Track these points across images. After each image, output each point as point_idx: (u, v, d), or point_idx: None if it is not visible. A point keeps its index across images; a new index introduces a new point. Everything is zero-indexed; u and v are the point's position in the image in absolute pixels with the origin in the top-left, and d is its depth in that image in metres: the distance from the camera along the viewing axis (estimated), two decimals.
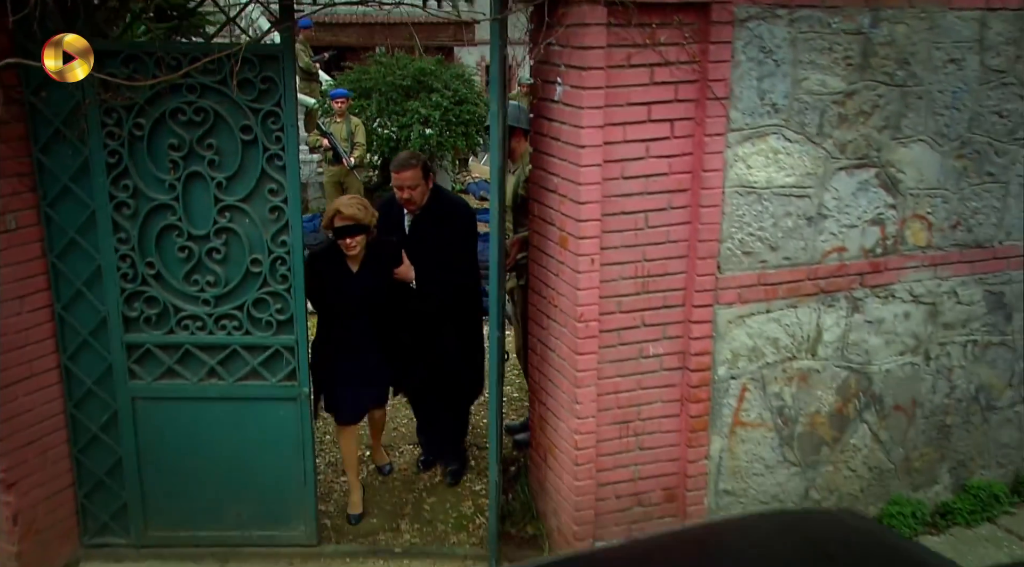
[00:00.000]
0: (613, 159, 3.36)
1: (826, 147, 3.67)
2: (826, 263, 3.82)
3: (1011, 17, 3.80)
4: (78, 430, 3.89)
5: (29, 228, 3.61)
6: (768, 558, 1.99)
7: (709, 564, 1.97)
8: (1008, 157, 4.02)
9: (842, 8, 3.50)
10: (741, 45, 3.39)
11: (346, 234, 3.93)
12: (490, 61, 3.49)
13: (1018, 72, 3.90)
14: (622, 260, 3.51)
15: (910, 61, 3.69)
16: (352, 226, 3.92)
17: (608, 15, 3.17)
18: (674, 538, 2.38)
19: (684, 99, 3.40)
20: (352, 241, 3.95)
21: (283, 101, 3.53)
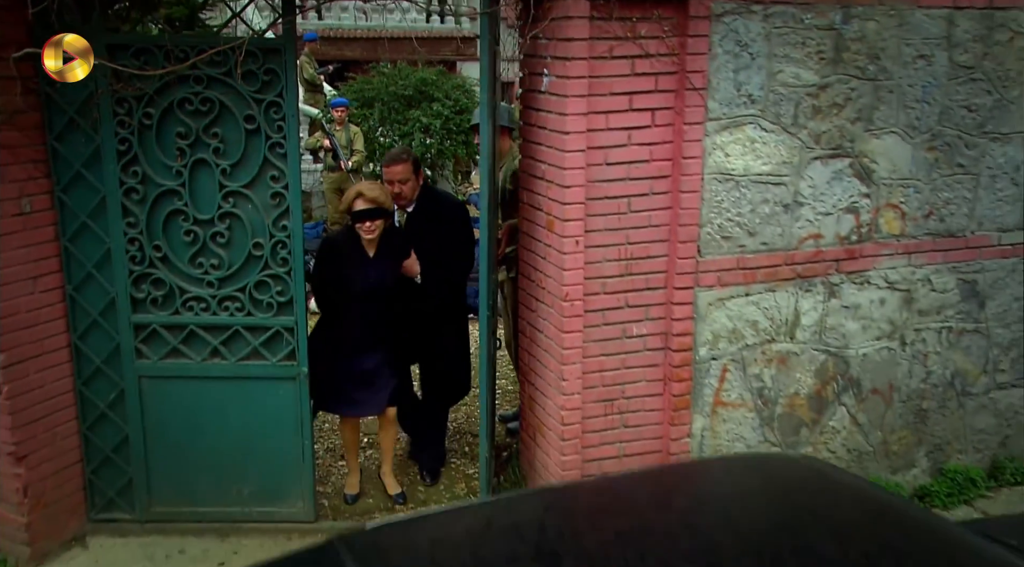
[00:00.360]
0: (596, 146, 3.55)
1: (801, 137, 3.85)
2: (803, 249, 4.00)
3: (977, 15, 3.99)
4: (86, 407, 4.06)
5: (43, 212, 3.81)
6: (728, 495, 2.14)
7: (671, 500, 2.12)
8: (978, 150, 4.20)
9: (814, 5, 3.70)
10: (718, 39, 3.59)
11: (367, 217, 3.99)
12: (480, 54, 3.69)
13: (985, 68, 4.09)
14: (606, 243, 3.68)
15: (881, 56, 3.88)
16: (374, 209, 3.99)
17: (591, 9, 3.37)
18: (634, 477, 2.54)
19: (664, 89, 3.59)
20: (372, 224, 4.01)
21: (284, 92, 3.73)
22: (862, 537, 1.89)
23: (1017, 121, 4.22)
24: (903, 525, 2.00)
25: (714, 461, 3.08)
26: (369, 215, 3.99)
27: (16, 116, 3.62)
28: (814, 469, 2.35)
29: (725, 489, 2.14)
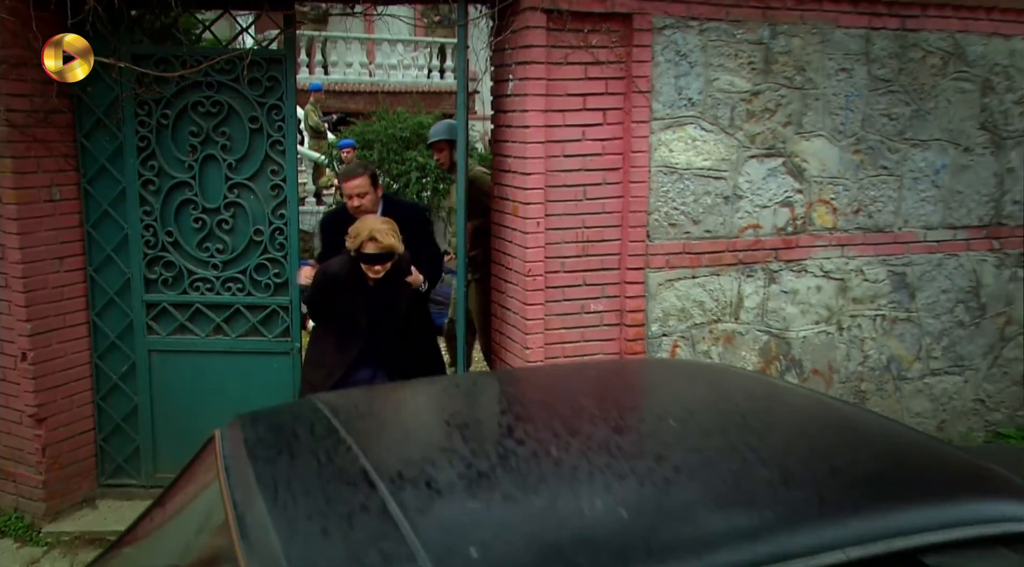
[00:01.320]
0: (554, 140, 4.07)
1: (738, 137, 4.38)
2: (743, 238, 4.48)
3: (892, 35, 4.56)
4: (100, 379, 4.51)
5: (70, 201, 4.33)
6: (663, 386, 2.54)
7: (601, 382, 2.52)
8: (900, 154, 4.72)
9: (744, 22, 4.27)
10: (660, 49, 4.14)
11: (376, 261, 3.85)
12: (456, 63, 4.24)
13: (902, 82, 4.64)
14: (564, 226, 4.18)
15: (806, 68, 4.43)
16: (384, 254, 3.85)
17: (547, 21, 3.93)
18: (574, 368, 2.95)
19: (614, 92, 4.13)
20: (381, 268, 3.87)
21: (284, 96, 4.29)
22: (761, 404, 2.27)
23: (934, 129, 4.75)
24: (798, 400, 2.40)
25: (651, 361, 3.56)
26: (378, 259, 3.84)
27: (51, 115, 4.18)
28: (739, 373, 2.79)
29: (649, 374, 2.58)
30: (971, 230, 4.96)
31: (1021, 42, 4.82)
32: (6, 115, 4.01)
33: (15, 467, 4.40)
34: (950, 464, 1.87)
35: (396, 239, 3.86)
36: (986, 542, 1.55)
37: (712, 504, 1.55)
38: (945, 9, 4.61)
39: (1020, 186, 5.02)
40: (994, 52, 4.77)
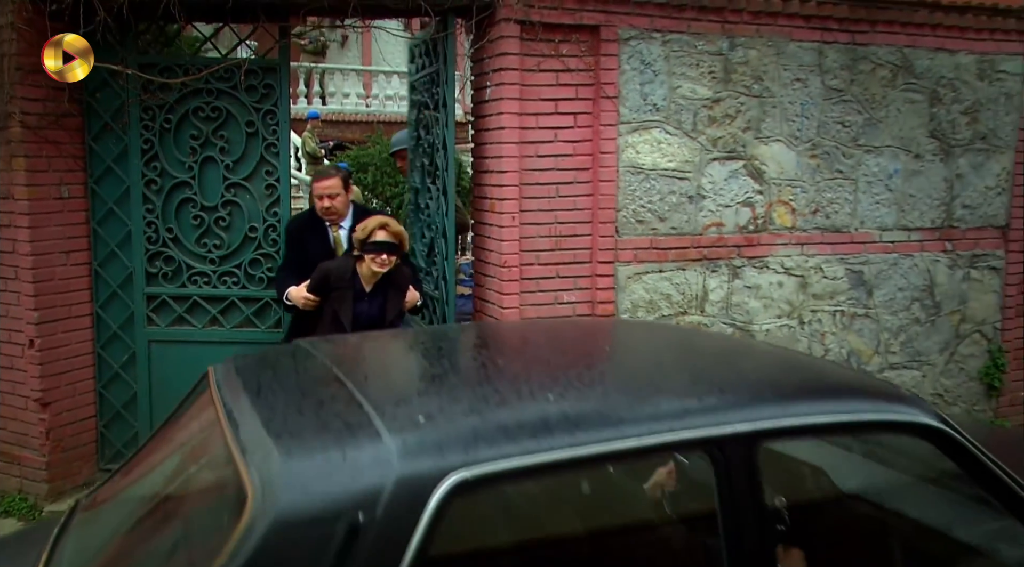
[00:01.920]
0: (528, 141, 4.40)
1: (700, 141, 4.71)
2: (707, 235, 4.79)
3: (843, 48, 4.92)
4: (102, 368, 4.78)
5: (77, 199, 4.63)
6: (619, 328, 2.83)
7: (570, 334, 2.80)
8: (854, 159, 5.05)
9: (704, 34, 4.62)
10: (625, 58, 4.49)
11: (385, 250, 3.81)
12: (440, 64, 4.60)
13: (854, 92, 4.99)
14: (538, 221, 4.49)
15: (763, 78, 4.78)
16: (394, 245, 3.86)
17: (521, 31, 4.28)
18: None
19: (583, 97, 4.47)
20: (388, 258, 3.83)
21: (279, 102, 4.61)
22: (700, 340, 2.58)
23: (886, 137, 5.09)
24: (732, 341, 2.69)
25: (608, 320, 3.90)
26: (388, 248, 3.82)
27: (62, 119, 4.50)
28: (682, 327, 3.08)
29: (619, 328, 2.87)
30: (924, 232, 5.27)
31: (965, 57, 5.18)
32: (20, 117, 4.33)
33: (20, 451, 4.65)
34: (829, 374, 2.21)
35: (405, 235, 3.92)
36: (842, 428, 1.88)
37: (619, 391, 1.84)
38: (893, 25, 4.97)
39: (969, 191, 5.35)
40: (940, 66, 5.13)
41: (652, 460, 1.90)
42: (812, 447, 2.83)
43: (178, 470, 2.18)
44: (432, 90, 4.85)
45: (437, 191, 4.80)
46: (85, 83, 4.51)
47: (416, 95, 5.31)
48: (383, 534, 1.44)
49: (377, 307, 3.90)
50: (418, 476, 1.49)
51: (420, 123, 5.14)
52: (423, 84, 5.07)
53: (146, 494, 2.06)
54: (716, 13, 4.60)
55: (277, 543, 1.41)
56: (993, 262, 5.47)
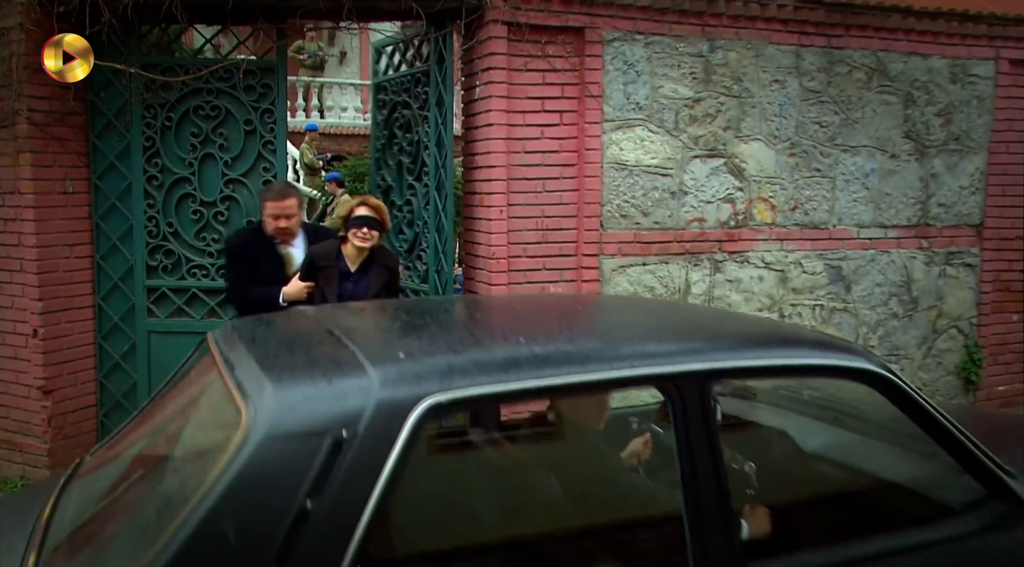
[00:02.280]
0: (515, 137, 4.57)
1: (682, 139, 4.89)
2: (689, 230, 4.96)
3: (820, 51, 5.11)
4: (103, 358, 4.92)
5: (81, 194, 4.80)
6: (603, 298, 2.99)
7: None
8: (832, 158, 5.24)
9: (686, 37, 4.81)
10: (609, 58, 4.68)
11: (366, 224, 3.83)
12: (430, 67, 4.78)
13: (831, 93, 5.18)
14: (526, 215, 4.65)
15: (743, 79, 4.97)
16: (375, 219, 3.87)
17: (509, 33, 4.47)
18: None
19: (569, 96, 4.65)
20: (369, 232, 3.83)
21: (276, 101, 4.80)
22: (677, 307, 2.74)
23: (862, 137, 5.28)
24: (705, 309, 2.86)
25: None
26: (368, 222, 3.84)
27: (67, 117, 4.67)
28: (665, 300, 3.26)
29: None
30: (901, 229, 5.45)
31: (938, 60, 5.38)
32: (28, 115, 4.51)
33: (22, 438, 4.78)
34: (785, 328, 2.38)
35: (386, 214, 3.94)
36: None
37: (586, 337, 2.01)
38: (867, 30, 5.17)
39: (944, 190, 5.53)
40: (913, 69, 5.33)
41: (612, 392, 2.04)
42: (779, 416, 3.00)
43: (179, 416, 2.32)
44: (415, 90, 5.01)
45: (424, 188, 4.97)
46: (90, 82, 4.70)
47: (388, 96, 5.45)
48: (364, 448, 1.59)
49: (363, 286, 3.90)
50: (397, 400, 1.65)
51: (394, 123, 5.32)
52: (400, 85, 5.23)
53: (149, 440, 2.21)
54: (696, 16, 4.80)
55: (268, 454, 1.56)
56: (968, 259, 5.65)
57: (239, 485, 1.54)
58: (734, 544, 1.88)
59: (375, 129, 5.68)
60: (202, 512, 1.52)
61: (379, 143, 5.61)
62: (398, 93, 5.29)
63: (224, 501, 1.53)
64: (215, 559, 1.51)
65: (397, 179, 5.35)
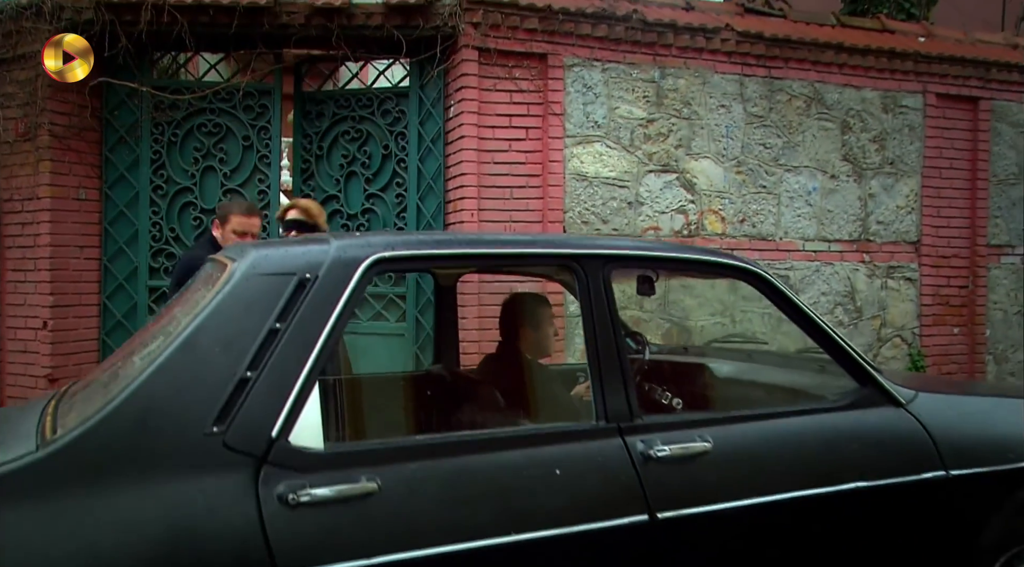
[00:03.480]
0: (486, 149, 5.10)
1: (637, 155, 5.43)
2: (645, 237, 5.45)
3: (761, 81, 5.70)
4: (106, 352, 5.32)
5: (92, 201, 5.30)
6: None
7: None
8: (776, 177, 5.76)
9: (639, 64, 5.40)
10: (570, 81, 5.25)
11: (294, 227, 3.72)
12: (410, 91, 5.35)
13: (773, 118, 5.74)
14: (495, 220, 5.14)
15: (692, 103, 5.54)
16: (303, 220, 3.75)
17: (479, 57, 5.05)
18: None
19: (534, 114, 5.21)
20: (299, 235, 3.54)
21: (271, 120, 5.35)
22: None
23: (803, 158, 5.82)
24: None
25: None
26: (298, 226, 3.71)
27: (84, 132, 5.21)
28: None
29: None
30: (843, 243, 5.94)
31: (870, 92, 5.96)
32: (49, 128, 5.05)
33: None
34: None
35: (318, 211, 3.83)
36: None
37: (513, 236, 2.45)
38: (804, 63, 5.77)
39: (882, 209, 6.04)
40: (848, 99, 5.91)
41: (529, 266, 2.45)
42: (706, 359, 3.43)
43: (175, 309, 2.72)
44: (382, 107, 5.38)
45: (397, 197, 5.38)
46: (105, 102, 5.26)
47: (326, 108, 5.55)
48: (322, 288, 2.02)
49: None
50: (350, 255, 2.09)
51: (344, 136, 5.50)
52: (356, 101, 5.44)
53: (145, 331, 2.62)
54: (648, 47, 5.40)
55: (248, 285, 1.99)
56: (908, 273, 6.12)
57: (223, 308, 1.97)
58: (629, 397, 2.29)
59: (299, 139, 5.61)
60: (190, 330, 1.94)
61: (306, 153, 5.60)
62: (349, 108, 5.48)
63: (210, 319, 1.95)
64: (202, 365, 1.92)
65: (343, 188, 5.52)
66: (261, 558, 1.81)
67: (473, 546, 1.99)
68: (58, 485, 1.76)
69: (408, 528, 1.94)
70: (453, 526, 1.98)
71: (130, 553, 1.74)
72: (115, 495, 1.78)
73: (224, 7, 4.93)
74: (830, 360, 2.70)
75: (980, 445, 2.64)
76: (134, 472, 1.81)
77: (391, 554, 1.91)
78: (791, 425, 2.49)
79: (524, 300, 3.21)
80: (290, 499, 1.85)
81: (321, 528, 1.87)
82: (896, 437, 2.53)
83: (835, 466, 2.41)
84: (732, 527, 2.26)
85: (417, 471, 2.01)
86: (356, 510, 1.91)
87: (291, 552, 1.83)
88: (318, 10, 4.99)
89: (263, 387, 1.92)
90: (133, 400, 1.87)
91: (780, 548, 2.34)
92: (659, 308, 5.47)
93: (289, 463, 1.90)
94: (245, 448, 1.88)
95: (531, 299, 3.23)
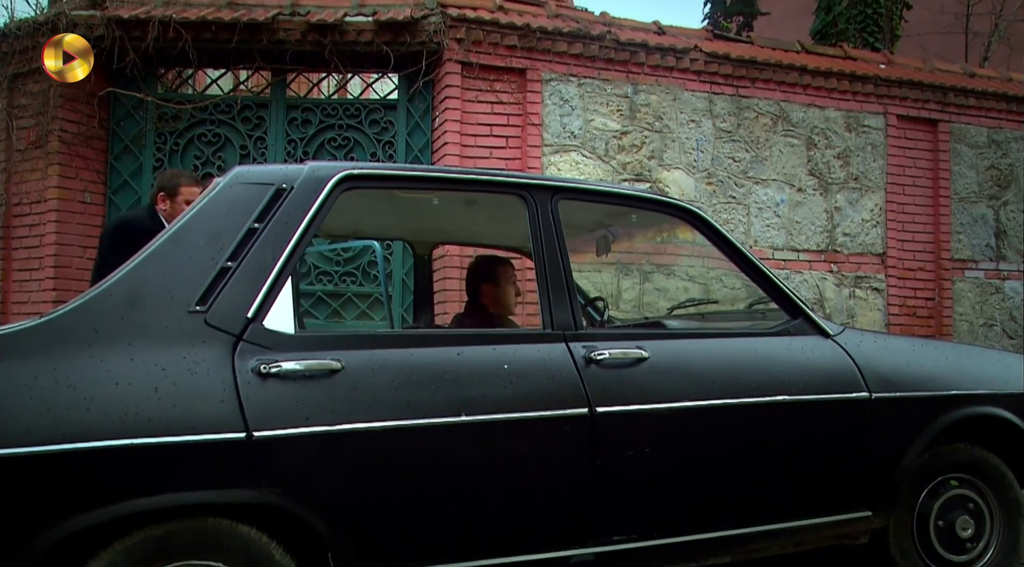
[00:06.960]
0: (468, 156, 5.43)
1: (612, 165, 5.75)
2: None
3: (729, 99, 6.06)
4: None
5: (97, 205, 5.61)
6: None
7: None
8: (745, 189, 6.08)
9: (613, 80, 5.77)
10: (548, 94, 5.61)
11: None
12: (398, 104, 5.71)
13: (741, 134, 6.08)
14: None
15: (663, 117, 5.89)
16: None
17: (463, 70, 5.41)
18: None
19: (514, 124, 5.55)
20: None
21: (268, 130, 5.69)
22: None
23: (771, 172, 6.15)
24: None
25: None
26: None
27: (91, 140, 5.56)
28: None
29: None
30: (811, 253, 6.22)
31: (834, 112, 6.32)
32: (59, 134, 5.39)
33: None
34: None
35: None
36: None
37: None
38: (769, 83, 6.14)
39: (848, 222, 6.34)
40: (812, 118, 6.27)
41: (486, 193, 2.72)
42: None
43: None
44: (369, 117, 5.69)
45: None
46: (112, 112, 5.61)
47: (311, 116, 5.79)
48: (297, 196, 2.30)
49: None
50: (323, 172, 2.37)
51: (329, 143, 5.71)
52: (341, 111, 5.69)
53: None
54: (621, 65, 5.77)
55: (232, 191, 2.27)
56: (875, 283, 6.39)
57: (209, 208, 2.25)
58: (574, 310, 2.55)
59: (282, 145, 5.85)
60: (178, 226, 2.22)
61: (290, 160, 5.74)
62: (336, 117, 5.73)
63: (196, 218, 2.23)
64: (188, 254, 2.19)
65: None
66: (235, 418, 2.04)
67: (426, 422, 2.22)
68: (58, 346, 2.02)
69: (368, 403, 2.18)
70: (409, 404, 2.21)
71: (120, 404, 1.97)
72: (109, 357, 2.03)
73: (225, 24, 5.32)
74: (772, 309, 2.96)
75: (902, 374, 2.89)
76: (125, 340, 2.06)
77: (352, 424, 2.14)
78: (724, 344, 2.75)
79: (488, 260, 3.48)
80: (262, 370, 2.10)
81: (289, 397, 2.11)
82: (821, 360, 2.77)
83: (762, 381, 2.64)
84: (664, 425, 2.49)
85: (379, 355, 2.26)
86: (321, 384, 2.15)
87: (261, 415, 2.06)
88: (313, 27, 5.38)
89: (242, 275, 2.18)
90: (125, 280, 2.15)
91: (709, 448, 2.56)
92: (634, 309, 5.72)
93: (263, 342, 2.15)
94: (224, 326, 2.13)
95: (494, 259, 3.50)
